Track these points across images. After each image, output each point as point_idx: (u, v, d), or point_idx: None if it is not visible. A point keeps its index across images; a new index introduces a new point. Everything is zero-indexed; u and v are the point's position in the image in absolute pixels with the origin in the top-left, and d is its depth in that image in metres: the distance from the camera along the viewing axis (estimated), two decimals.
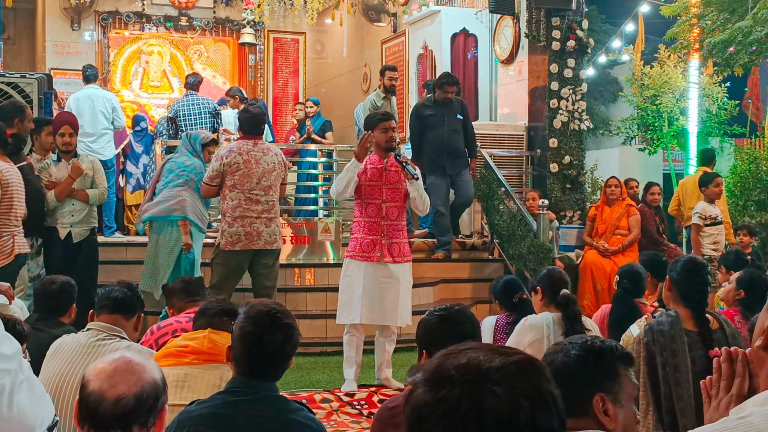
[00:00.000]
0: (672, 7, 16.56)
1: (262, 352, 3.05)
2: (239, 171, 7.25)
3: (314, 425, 3.09)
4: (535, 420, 1.31)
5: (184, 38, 15.97)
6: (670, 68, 15.66)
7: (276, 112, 16.32)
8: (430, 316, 3.46)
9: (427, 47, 13.77)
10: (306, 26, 16.29)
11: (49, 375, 3.98)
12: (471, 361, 1.35)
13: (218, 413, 2.97)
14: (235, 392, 3.05)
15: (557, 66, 11.56)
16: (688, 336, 4.14)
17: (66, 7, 14.83)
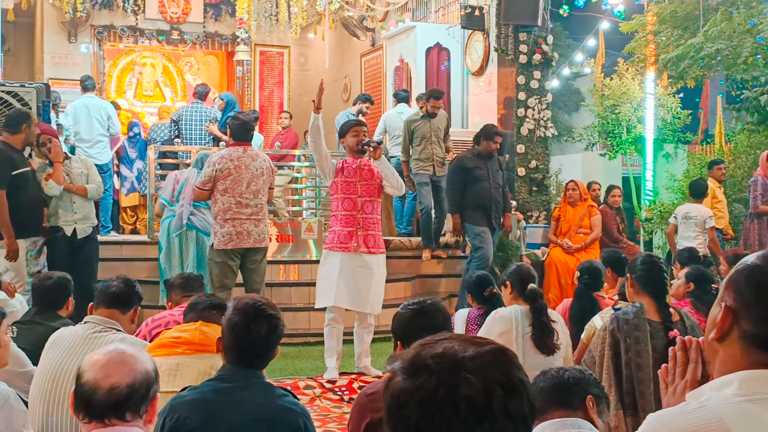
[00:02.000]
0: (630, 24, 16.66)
1: (250, 342, 3.08)
2: (230, 176, 7.26)
3: (298, 409, 3.11)
4: (508, 406, 1.30)
5: (175, 51, 15.95)
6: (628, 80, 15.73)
7: (262, 120, 16.28)
8: (405, 309, 3.45)
9: (403, 60, 13.78)
10: (290, 40, 16.30)
11: (47, 365, 3.95)
12: (447, 351, 1.34)
13: (208, 399, 2.98)
14: (224, 379, 3.07)
15: (524, 78, 11.60)
16: (651, 325, 4.22)
17: (63, 21, 14.79)
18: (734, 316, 1.69)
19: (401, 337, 3.38)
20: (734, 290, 1.70)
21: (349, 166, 7.13)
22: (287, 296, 9.32)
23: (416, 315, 3.39)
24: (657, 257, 4.67)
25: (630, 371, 4.18)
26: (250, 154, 7.45)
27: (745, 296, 1.68)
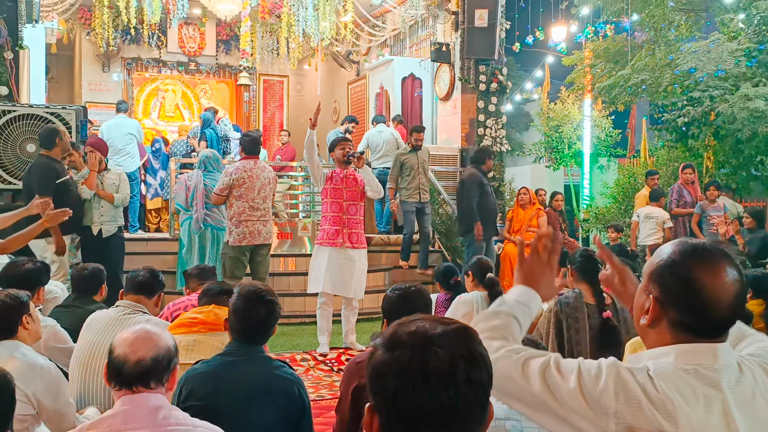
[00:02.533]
0: (570, 59, 16.77)
1: (251, 323, 3.09)
2: (244, 185, 7.32)
3: (293, 378, 3.11)
4: (470, 376, 1.30)
5: (192, 79, 15.89)
6: (569, 105, 15.80)
7: (265, 137, 16.26)
8: (392, 293, 3.46)
9: (383, 87, 13.79)
10: (289, 71, 16.28)
11: (85, 343, 3.95)
12: (419, 329, 1.34)
13: (216, 371, 2.99)
14: (230, 354, 3.07)
15: (483, 102, 11.64)
16: (588, 308, 4.29)
17: (98, 54, 14.73)
18: (662, 306, 1.69)
19: (388, 317, 3.40)
20: (659, 284, 1.70)
21: (336, 175, 7.18)
22: (286, 284, 9.31)
23: (401, 299, 3.40)
24: (593, 251, 4.69)
25: (570, 345, 4.25)
26: (259, 166, 7.51)
27: (670, 290, 1.68)
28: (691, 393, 1.59)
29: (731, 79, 13.51)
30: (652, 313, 1.70)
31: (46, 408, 3.16)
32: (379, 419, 1.33)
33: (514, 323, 1.86)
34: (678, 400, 1.58)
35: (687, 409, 1.57)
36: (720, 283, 1.65)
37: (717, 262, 1.67)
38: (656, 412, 1.56)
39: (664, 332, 1.70)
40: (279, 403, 3.00)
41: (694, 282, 1.65)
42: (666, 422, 1.55)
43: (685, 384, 1.60)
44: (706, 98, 13.64)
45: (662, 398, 1.57)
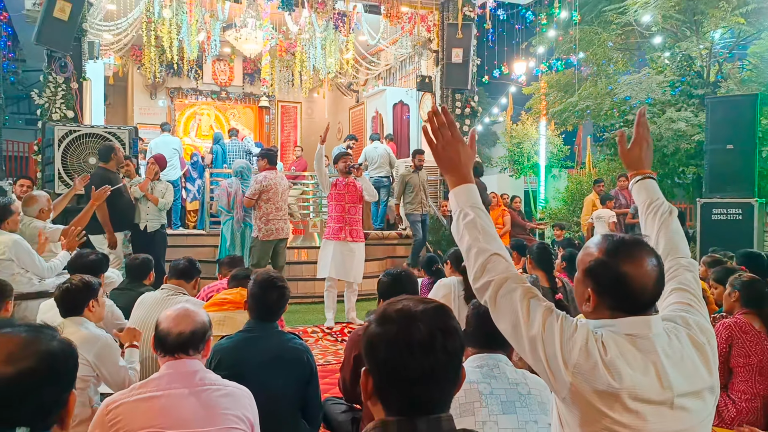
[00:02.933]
0: (529, 88, 16.79)
1: (265, 304, 3.09)
2: (271, 190, 7.35)
3: (303, 347, 3.12)
4: (446, 345, 1.31)
5: (223, 105, 15.84)
6: (528, 126, 15.82)
7: (282, 152, 16.23)
8: (386, 276, 3.45)
9: (377, 112, 13.79)
10: (301, 98, 16.25)
11: (136, 318, 3.96)
12: (404, 307, 1.35)
13: (238, 345, 3.00)
14: (249, 331, 3.08)
15: (459, 124, 11.62)
16: (543, 290, 4.27)
17: (147, 84, 14.69)
18: (599, 295, 1.70)
19: (382, 296, 3.39)
20: (594, 280, 1.70)
21: (340, 183, 7.19)
22: (299, 270, 9.30)
23: (393, 281, 3.39)
24: (547, 244, 4.72)
25: None
26: (279, 175, 7.59)
27: (604, 284, 1.69)
28: (631, 356, 1.62)
29: (658, 105, 13.56)
30: (593, 302, 1.72)
31: (104, 370, 3.17)
32: (372, 380, 1.34)
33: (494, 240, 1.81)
34: (622, 362, 1.60)
35: (629, 370, 1.59)
36: (644, 272, 1.66)
37: (639, 255, 1.68)
38: (606, 372, 1.58)
39: (604, 313, 1.71)
40: (291, 368, 3.00)
41: (623, 276, 1.66)
42: (613, 380, 1.57)
43: (628, 350, 1.62)
44: None
45: (611, 360, 1.59)
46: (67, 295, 3.30)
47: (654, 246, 1.92)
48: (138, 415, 2.21)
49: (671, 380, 1.61)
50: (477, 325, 2.32)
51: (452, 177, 1.88)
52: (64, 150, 8.04)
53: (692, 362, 1.67)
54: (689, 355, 1.68)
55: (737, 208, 8.34)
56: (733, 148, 8.43)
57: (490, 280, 1.74)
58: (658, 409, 1.59)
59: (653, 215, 2.02)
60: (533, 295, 1.71)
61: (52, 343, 1.41)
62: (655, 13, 13.01)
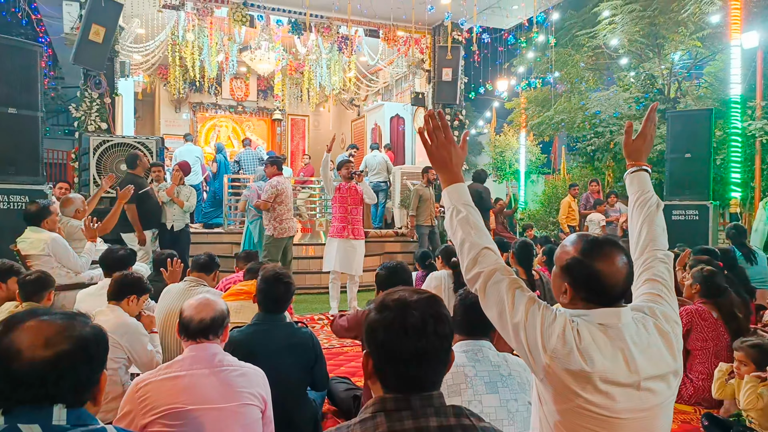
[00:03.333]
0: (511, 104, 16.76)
1: (272, 297, 3.05)
2: (283, 193, 7.27)
3: (308, 334, 3.10)
4: (437, 329, 1.32)
5: (240, 117, 15.81)
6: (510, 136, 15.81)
7: (292, 160, 16.23)
8: (383, 269, 3.43)
9: (376, 124, 13.77)
10: (309, 112, 16.23)
11: (163, 306, 3.94)
12: (400, 297, 1.36)
13: (250, 338, 2.96)
14: (259, 323, 3.05)
15: None
16: None
17: (172, 99, 14.66)
18: (574, 289, 1.70)
19: (380, 287, 3.37)
20: (570, 276, 1.69)
21: (342, 187, 7.13)
22: (307, 264, 9.26)
23: (390, 272, 3.37)
24: (529, 242, 4.71)
25: None
26: (286, 180, 7.47)
27: (579, 281, 1.68)
28: (603, 343, 1.61)
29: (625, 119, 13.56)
30: (569, 295, 1.71)
31: (134, 353, 3.16)
32: (372, 361, 1.34)
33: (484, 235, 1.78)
34: (594, 348, 1.59)
35: (600, 356, 1.59)
36: (615, 269, 1.66)
37: (610, 253, 1.67)
38: (580, 357, 1.58)
39: (578, 304, 1.71)
40: (299, 354, 2.99)
41: (596, 274, 1.65)
42: (586, 364, 1.57)
43: (599, 337, 1.62)
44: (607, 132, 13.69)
45: (585, 347, 1.59)
46: (121, 279, 3.33)
47: (636, 235, 1.91)
48: (164, 392, 2.21)
49: (638, 365, 1.60)
50: (463, 314, 2.33)
51: (444, 175, 1.85)
52: (98, 157, 8.02)
53: (657, 349, 1.66)
54: (655, 342, 1.67)
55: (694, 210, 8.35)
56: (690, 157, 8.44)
57: (480, 271, 1.72)
58: (626, 390, 1.59)
59: (641, 206, 1.98)
60: (518, 285, 1.70)
61: (85, 329, 1.41)
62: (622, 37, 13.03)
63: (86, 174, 8.10)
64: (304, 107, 15.78)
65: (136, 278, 3.38)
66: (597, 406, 1.57)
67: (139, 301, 3.38)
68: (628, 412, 1.58)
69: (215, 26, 10.73)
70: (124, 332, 3.13)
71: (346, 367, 5.01)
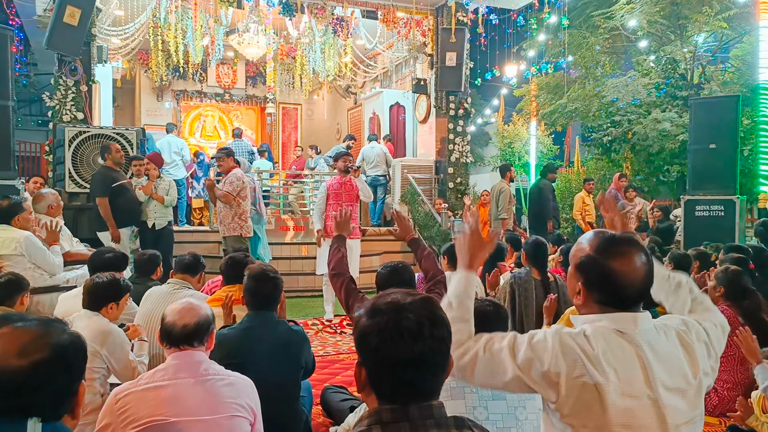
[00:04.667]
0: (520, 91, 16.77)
1: (261, 295, 3.13)
2: (247, 188, 7.11)
3: (300, 332, 3.21)
4: (433, 332, 1.33)
5: (227, 107, 15.80)
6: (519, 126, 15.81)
7: (283, 152, 16.23)
8: (384, 269, 3.42)
9: (375, 113, 13.77)
10: (302, 100, 16.21)
11: (144, 311, 3.96)
12: (393, 300, 1.37)
13: (240, 334, 3.03)
14: (249, 321, 3.11)
15: (452, 124, 11.63)
16: (535, 282, 4.29)
17: (153, 87, 14.64)
18: (589, 290, 1.71)
19: (381, 287, 3.32)
20: (584, 275, 1.72)
21: (337, 182, 7.11)
22: (300, 265, 9.28)
23: (391, 273, 3.35)
24: (542, 240, 4.72)
25: (521, 310, 4.30)
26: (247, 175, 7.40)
27: (594, 280, 1.70)
28: (619, 351, 1.62)
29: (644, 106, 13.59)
30: (582, 296, 1.73)
31: (114, 362, 3.17)
32: (365, 370, 1.35)
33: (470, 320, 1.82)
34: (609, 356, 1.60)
35: (616, 365, 1.59)
36: (632, 269, 1.67)
37: (628, 252, 1.68)
38: (592, 366, 1.58)
39: (593, 307, 1.72)
40: (292, 349, 3.06)
41: (611, 273, 1.67)
42: (599, 374, 1.57)
43: (615, 344, 1.63)
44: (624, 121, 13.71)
45: (597, 355, 1.59)
46: (93, 288, 3.32)
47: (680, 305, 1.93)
48: (146, 403, 2.21)
49: (656, 375, 1.60)
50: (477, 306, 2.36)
51: (466, 260, 1.93)
52: (74, 150, 8.03)
53: (677, 360, 1.66)
54: (674, 352, 1.67)
55: (719, 205, 8.35)
56: (715, 148, 8.43)
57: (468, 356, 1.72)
58: (643, 402, 1.59)
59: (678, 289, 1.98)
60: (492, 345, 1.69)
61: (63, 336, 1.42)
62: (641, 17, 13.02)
63: (61, 168, 8.11)
64: (296, 95, 15.77)
65: (109, 283, 3.35)
66: (613, 420, 1.56)
67: (119, 306, 3.39)
68: (646, 429, 1.58)
69: (200, 7, 10.73)
70: (104, 340, 3.14)
71: (342, 376, 5.02)
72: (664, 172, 13.57)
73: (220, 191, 6.91)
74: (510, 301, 4.35)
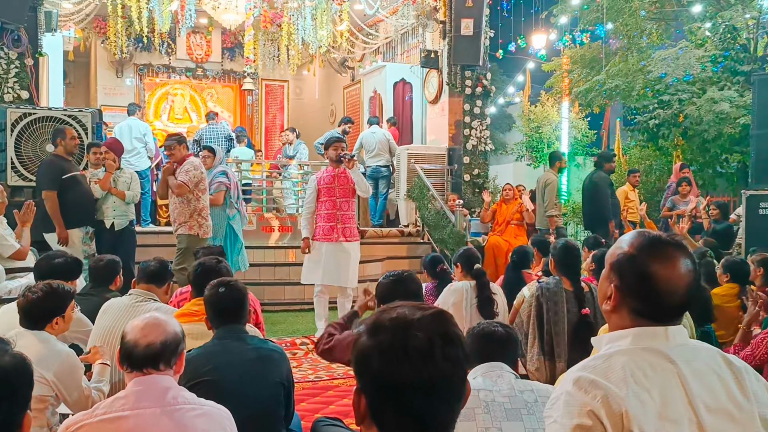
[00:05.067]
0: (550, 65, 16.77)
1: (226, 308, 3.17)
2: (205, 180, 7.10)
3: (278, 349, 3.24)
4: (446, 352, 1.32)
5: (200, 84, 15.84)
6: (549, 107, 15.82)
7: (267, 137, 16.26)
8: (386, 278, 3.43)
9: (376, 92, 13.78)
10: (289, 76, 16.23)
11: (101, 328, 3.93)
12: (399, 315, 1.36)
13: (212, 350, 3.06)
14: (219, 338, 3.13)
15: (469, 105, 11.64)
16: (566, 294, 4.30)
17: (112, 60, 14.67)
18: (622, 294, 1.73)
19: (382, 300, 3.37)
20: (619, 275, 1.74)
21: (329, 173, 7.09)
22: (286, 273, 9.29)
23: (394, 283, 3.38)
24: (574, 243, 4.72)
25: (549, 327, 4.30)
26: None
27: (629, 282, 1.72)
28: (649, 368, 1.63)
29: (698, 84, 13.56)
30: (614, 300, 1.75)
31: (64, 390, 3.17)
32: (365, 399, 1.34)
33: None
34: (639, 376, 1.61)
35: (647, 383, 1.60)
36: (674, 275, 1.69)
37: (672, 256, 1.71)
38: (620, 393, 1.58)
39: (624, 316, 1.74)
40: (269, 370, 3.08)
41: (650, 275, 1.69)
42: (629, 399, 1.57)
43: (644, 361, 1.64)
44: (675, 101, 13.68)
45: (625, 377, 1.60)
46: (27, 306, 3.29)
47: None
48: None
49: (696, 395, 1.62)
50: (476, 345, 2.41)
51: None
52: (18, 136, 8.03)
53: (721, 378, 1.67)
54: (717, 370, 1.69)
55: None
56: None
57: None
58: (684, 426, 1.60)
59: None
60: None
61: (4, 359, 1.42)
62: None
63: (2, 157, 8.12)
64: (282, 70, 15.79)
65: (46, 296, 3.31)
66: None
67: (65, 318, 3.38)
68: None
69: None
70: (52, 363, 3.13)
71: (337, 405, 5.04)
72: (721, 163, 13.54)
73: (174, 181, 6.82)
74: (536, 318, 4.34)
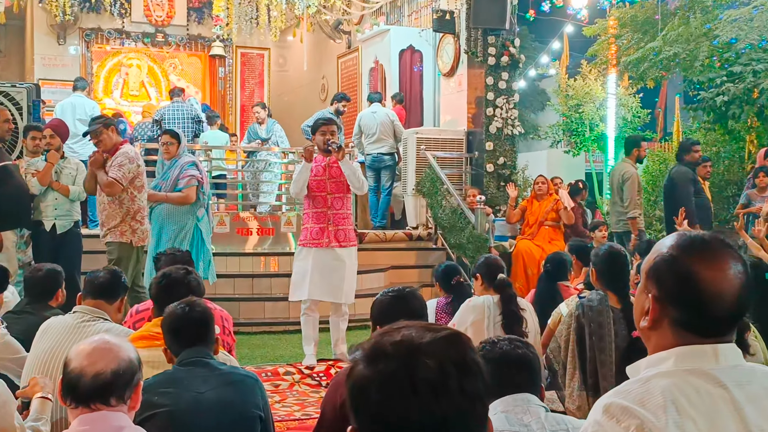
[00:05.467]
0: (593, 28, 16.74)
1: (188, 329, 3.24)
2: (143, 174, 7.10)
3: (253, 376, 3.31)
4: (463, 385, 1.31)
5: (160, 53, 15.87)
6: (591, 81, 15.78)
7: (243, 118, 16.28)
8: (384, 296, 3.44)
9: (377, 62, 13.78)
10: (270, 42, 16.26)
11: (39, 353, 3.93)
12: (405, 338, 1.35)
13: (172, 377, 3.10)
14: (183, 362, 3.17)
15: (493, 79, 11.63)
16: (613, 312, 4.27)
17: (52, 24, 14.69)
18: (661, 305, 1.73)
19: (379, 322, 3.38)
20: (657, 281, 1.75)
21: (318, 165, 7.05)
22: (267, 286, 9.29)
23: (394, 301, 3.39)
24: (619, 249, 4.69)
25: (593, 354, 4.26)
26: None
27: (669, 287, 1.72)
28: (694, 393, 1.64)
29: None
30: (653, 313, 1.75)
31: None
32: None
33: None
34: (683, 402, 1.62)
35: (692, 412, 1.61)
36: (721, 276, 1.70)
37: (717, 255, 1.72)
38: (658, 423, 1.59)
39: (665, 333, 1.74)
40: (240, 391, 3.14)
41: (692, 276, 1.69)
42: None
43: (687, 383, 1.65)
44: (748, 74, 13.63)
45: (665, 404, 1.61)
46: None
47: None
48: None
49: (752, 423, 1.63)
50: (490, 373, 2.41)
51: None
52: None
53: None
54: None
55: None
56: None
57: None
58: None
59: None
60: None
61: None
62: None
63: None
64: (262, 35, 15.80)
65: None
66: None
67: None
68: None
69: None
70: None
71: None
72: None
73: (104, 177, 6.74)
74: (577, 343, 4.32)
